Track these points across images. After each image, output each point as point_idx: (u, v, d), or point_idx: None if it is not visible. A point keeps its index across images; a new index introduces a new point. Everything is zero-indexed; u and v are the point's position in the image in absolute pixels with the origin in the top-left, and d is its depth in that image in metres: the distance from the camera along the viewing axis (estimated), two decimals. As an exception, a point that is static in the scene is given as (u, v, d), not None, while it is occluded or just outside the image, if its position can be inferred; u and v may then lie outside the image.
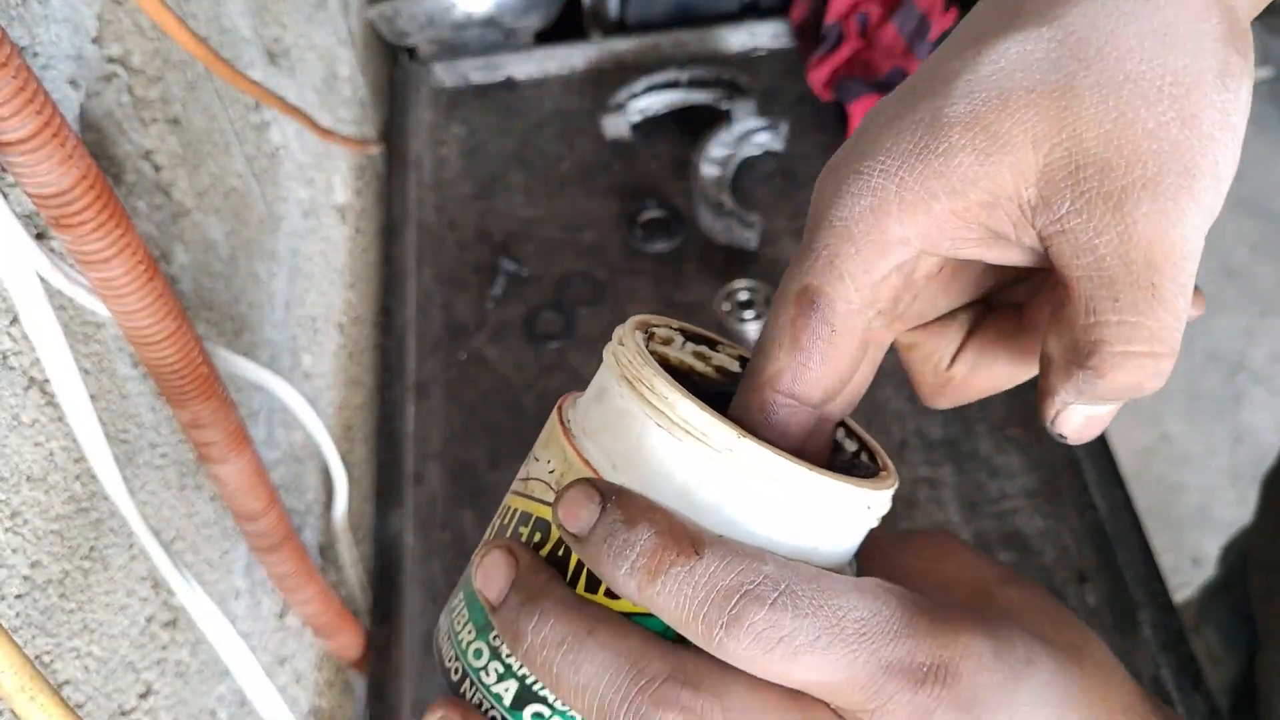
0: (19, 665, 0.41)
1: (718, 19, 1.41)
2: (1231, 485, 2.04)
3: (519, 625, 0.35)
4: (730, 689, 0.33)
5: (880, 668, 0.32)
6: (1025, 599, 0.39)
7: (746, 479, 0.34)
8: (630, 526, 0.33)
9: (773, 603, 0.32)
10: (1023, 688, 0.34)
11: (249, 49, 0.92)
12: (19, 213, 0.52)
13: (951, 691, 0.33)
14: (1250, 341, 2.26)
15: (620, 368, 0.37)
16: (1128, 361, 0.33)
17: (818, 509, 0.35)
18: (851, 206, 0.35)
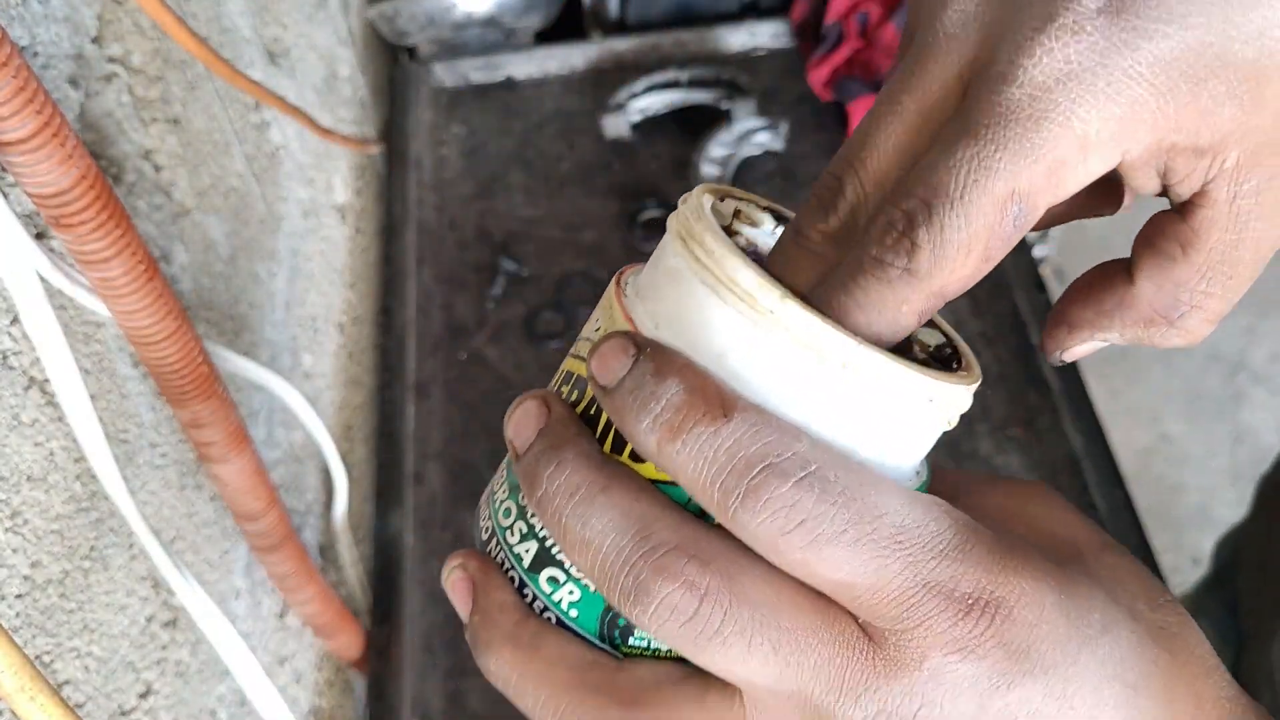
0: (19, 665, 0.41)
1: (718, 19, 1.41)
2: (1231, 485, 2.04)
3: (537, 472, 0.33)
4: (743, 574, 0.30)
5: (917, 583, 0.29)
6: (1122, 568, 0.35)
7: (788, 349, 0.31)
8: (659, 380, 0.31)
9: (798, 480, 0.29)
10: (1089, 653, 0.31)
11: (249, 49, 0.92)
12: (19, 212, 0.52)
13: (1001, 632, 0.29)
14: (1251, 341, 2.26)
15: (676, 223, 0.34)
16: (1203, 329, 0.33)
17: (866, 394, 0.31)
18: (1104, 110, 0.30)
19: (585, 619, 0.35)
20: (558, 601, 0.35)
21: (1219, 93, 0.30)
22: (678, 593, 0.30)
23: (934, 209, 0.30)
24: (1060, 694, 0.30)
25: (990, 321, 1.11)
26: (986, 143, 0.30)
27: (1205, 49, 0.29)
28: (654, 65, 1.34)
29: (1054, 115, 0.30)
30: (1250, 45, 0.30)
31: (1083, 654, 0.30)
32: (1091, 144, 0.30)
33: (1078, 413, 1.03)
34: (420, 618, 0.97)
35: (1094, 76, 0.29)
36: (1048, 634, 0.30)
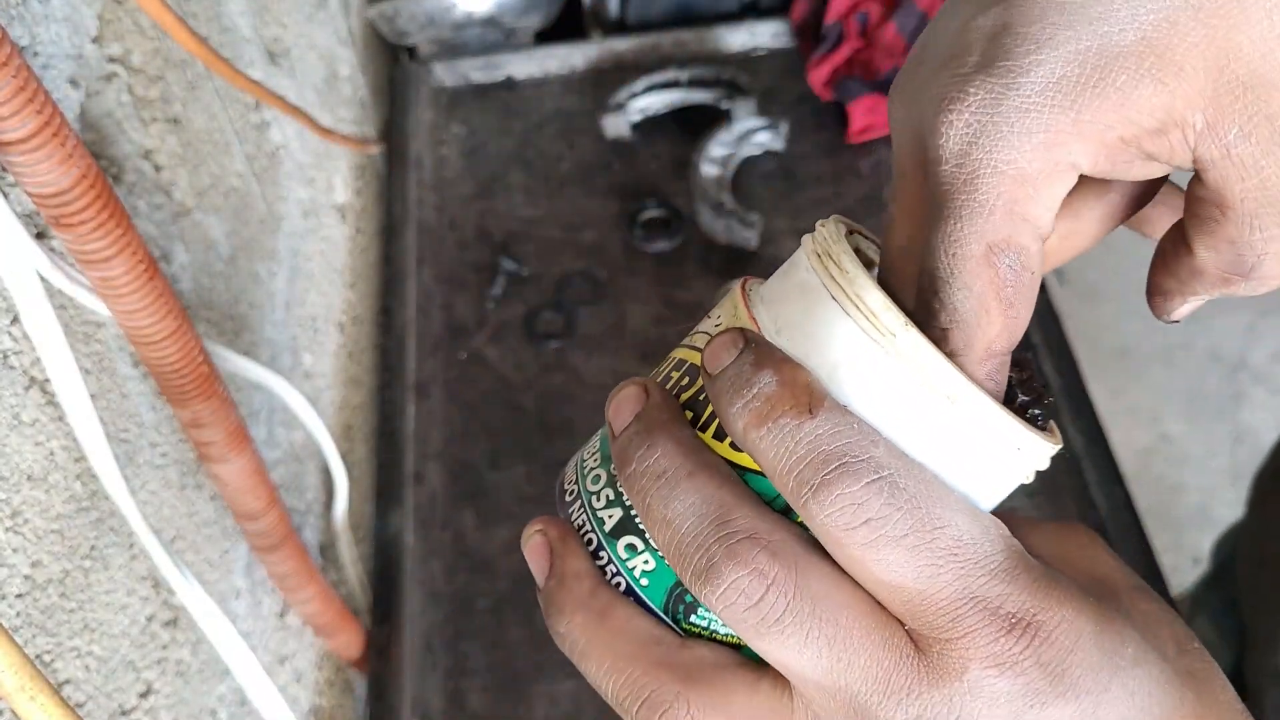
0: (19, 664, 0.41)
1: (718, 18, 1.41)
2: (1231, 485, 2.04)
3: (629, 451, 0.35)
4: (810, 570, 0.32)
5: (966, 595, 0.31)
6: (1154, 613, 0.36)
7: (901, 372, 0.33)
8: (757, 370, 0.33)
9: (869, 482, 0.31)
10: (1120, 684, 0.32)
11: (249, 48, 0.92)
12: (19, 212, 0.52)
13: (1040, 653, 0.31)
14: (1251, 340, 2.26)
15: (814, 243, 0.36)
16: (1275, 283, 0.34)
17: (963, 428, 0.33)
18: (1020, 146, 0.32)
19: (654, 590, 0.36)
20: (631, 569, 0.37)
21: (1125, 80, 0.32)
22: (746, 578, 0.32)
23: (939, 293, 0.33)
24: (1090, 718, 0.31)
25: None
26: (945, 220, 0.33)
27: (1086, 56, 0.31)
28: (654, 65, 1.34)
29: (982, 171, 0.32)
30: (1128, 32, 0.31)
31: (1114, 684, 0.32)
32: (1029, 176, 0.32)
33: (1078, 412, 1.03)
34: (420, 617, 0.97)
35: (995, 124, 0.32)
36: (1082, 660, 0.31)
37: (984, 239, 0.33)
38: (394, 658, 0.95)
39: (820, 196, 1.22)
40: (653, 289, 1.16)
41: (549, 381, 1.10)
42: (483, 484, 1.05)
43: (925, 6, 1.24)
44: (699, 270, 1.17)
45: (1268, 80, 0.31)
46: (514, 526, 1.01)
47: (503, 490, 1.04)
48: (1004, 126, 0.32)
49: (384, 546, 1.01)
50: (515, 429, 1.08)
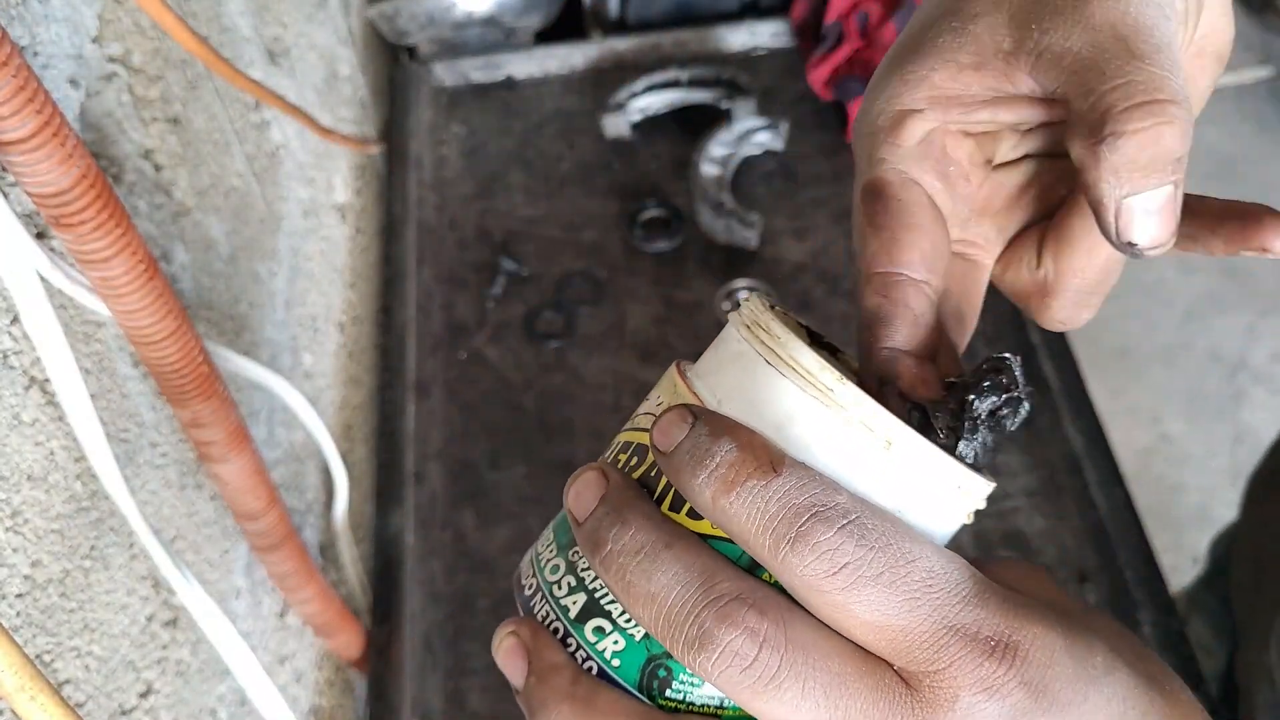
0: (19, 664, 0.41)
1: (718, 18, 1.41)
2: (1232, 485, 2.04)
3: (600, 534, 0.36)
4: (796, 622, 0.33)
5: (945, 626, 0.32)
6: (1109, 626, 0.37)
7: (842, 423, 0.35)
8: (714, 440, 0.34)
9: (841, 527, 0.32)
10: (1097, 691, 0.33)
11: (249, 48, 0.92)
12: (19, 212, 0.52)
13: (1023, 672, 0.32)
14: (1251, 341, 2.26)
15: (742, 316, 0.38)
16: (1137, 114, 0.34)
17: (906, 469, 0.35)
18: (870, 110, 0.40)
19: (627, 669, 0.37)
20: (602, 651, 0.37)
21: (934, 34, 0.39)
22: (740, 639, 0.32)
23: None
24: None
25: (990, 321, 1.11)
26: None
27: (911, 30, 0.41)
28: (654, 65, 1.34)
29: (857, 139, 0.42)
30: (939, 6, 0.40)
31: (1091, 693, 0.33)
32: (880, 128, 0.40)
33: (1078, 412, 1.03)
34: (420, 617, 0.97)
35: (865, 100, 0.42)
36: (1060, 674, 0.33)
37: (858, 185, 0.41)
38: (394, 657, 0.95)
39: (820, 196, 1.22)
40: (653, 289, 1.16)
41: (549, 381, 1.10)
42: (483, 484, 1.05)
43: (925, 6, 1.24)
44: (699, 270, 1.17)
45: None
46: (514, 526, 1.01)
47: (503, 490, 1.04)
48: (867, 100, 0.41)
49: (384, 546, 1.01)
50: (515, 429, 1.08)
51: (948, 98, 0.39)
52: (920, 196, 0.40)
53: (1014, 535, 0.97)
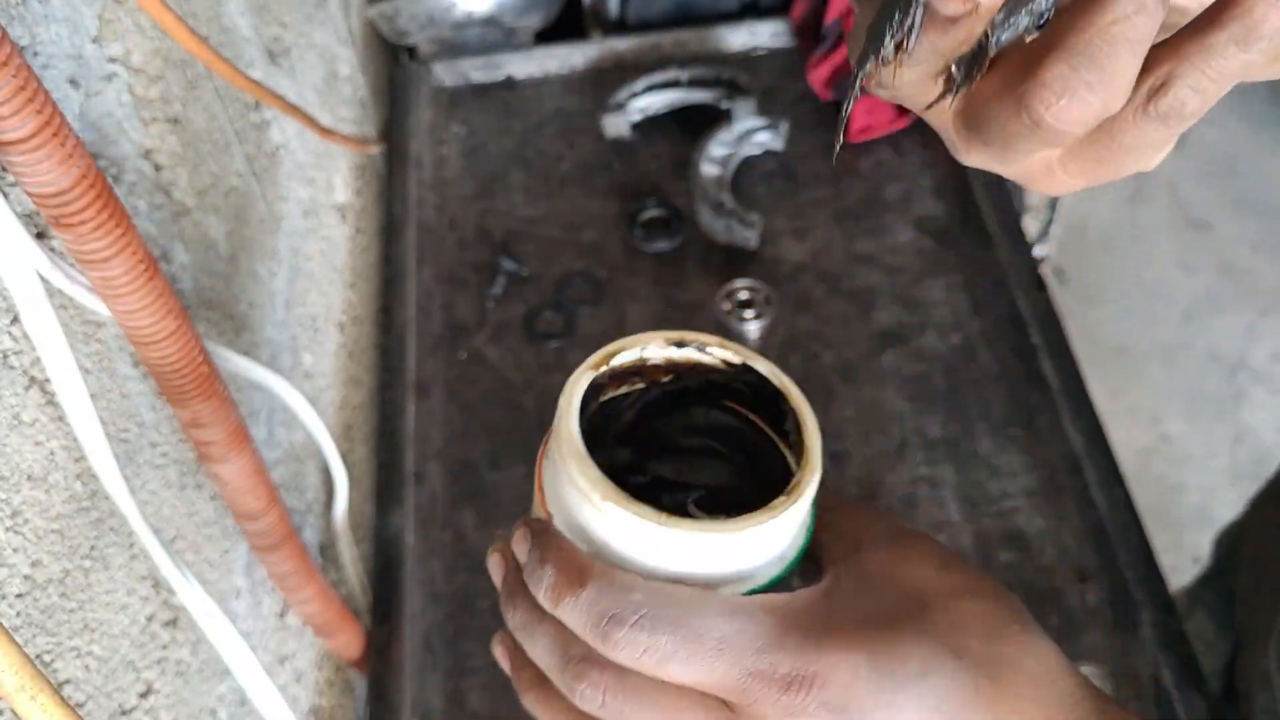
0: (19, 664, 0.41)
1: (718, 18, 1.41)
2: (1232, 485, 2.04)
3: (504, 606, 0.47)
4: (630, 675, 0.42)
5: (744, 673, 0.40)
6: (970, 612, 0.42)
7: (623, 526, 0.43)
8: (540, 565, 0.44)
9: (633, 624, 0.40)
10: (906, 694, 0.39)
11: (249, 48, 0.92)
12: (19, 212, 0.52)
13: (820, 695, 0.39)
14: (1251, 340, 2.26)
15: (555, 420, 0.46)
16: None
17: (683, 548, 0.42)
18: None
19: None
20: None
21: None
22: (588, 689, 0.42)
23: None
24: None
25: (990, 321, 1.11)
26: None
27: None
28: (654, 65, 1.34)
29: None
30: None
31: (899, 696, 0.39)
32: None
33: (1078, 412, 1.03)
34: (420, 617, 0.97)
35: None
36: (863, 689, 0.39)
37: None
38: (394, 657, 0.95)
39: (820, 196, 1.22)
40: (653, 289, 1.16)
41: (549, 381, 1.11)
42: (483, 484, 1.05)
43: (925, 6, 1.24)
44: (699, 270, 1.17)
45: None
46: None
47: (503, 490, 1.04)
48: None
49: (384, 546, 1.02)
50: (515, 429, 1.08)
51: None
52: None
53: (1014, 535, 0.97)
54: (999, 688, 0.40)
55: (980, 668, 0.40)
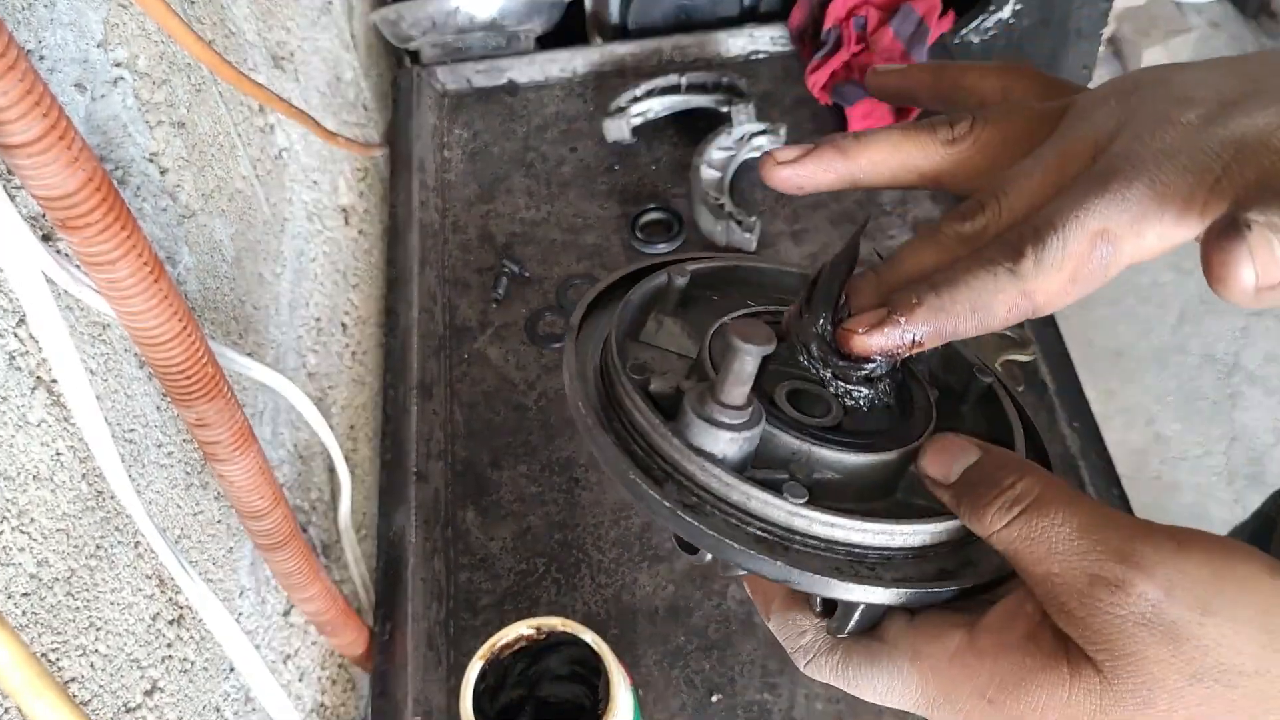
0: (25, 662, 0.42)
1: (718, 23, 1.42)
2: (1227, 485, 2.04)
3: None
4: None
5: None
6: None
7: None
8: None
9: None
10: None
11: (254, 53, 0.92)
12: (26, 214, 0.52)
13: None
14: (1245, 342, 2.26)
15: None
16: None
17: None
18: (1180, 176, 0.40)
19: None
20: None
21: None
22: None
23: (1041, 233, 0.40)
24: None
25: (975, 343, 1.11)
26: (1091, 191, 0.40)
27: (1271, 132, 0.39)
28: (654, 69, 1.35)
29: (1143, 177, 0.40)
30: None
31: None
32: (1168, 201, 0.39)
33: (1074, 412, 1.03)
34: (424, 615, 0.98)
35: (1176, 154, 0.39)
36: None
37: (1104, 222, 0.40)
38: (397, 655, 0.95)
39: (818, 199, 1.23)
40: (653, 291, 1.17)
41: (550, 382, 1.11)
42: (485, 483, 1.06)
43: (923, 11, 1.25)
44: (699, 272, 1.17)
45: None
46: (516, 525, 1.02)
47: (505, 489, 1.05)
48: (1183, 158, 0.40)
49: (387, 545, 1.02)
50: (517, 429, 1.09)
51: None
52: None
53: (1012, 535, 0.97)
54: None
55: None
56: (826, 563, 0.43)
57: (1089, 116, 0.43)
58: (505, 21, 1.39)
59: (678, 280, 0.52)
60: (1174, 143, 0.40)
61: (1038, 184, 0.43)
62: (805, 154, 0.47)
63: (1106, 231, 0.40)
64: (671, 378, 0.47)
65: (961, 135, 0.47)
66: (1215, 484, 2.06)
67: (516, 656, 0.80)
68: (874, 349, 0.43)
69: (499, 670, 0.79)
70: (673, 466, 0.43)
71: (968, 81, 0.50)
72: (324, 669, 0.95)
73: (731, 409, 0.43)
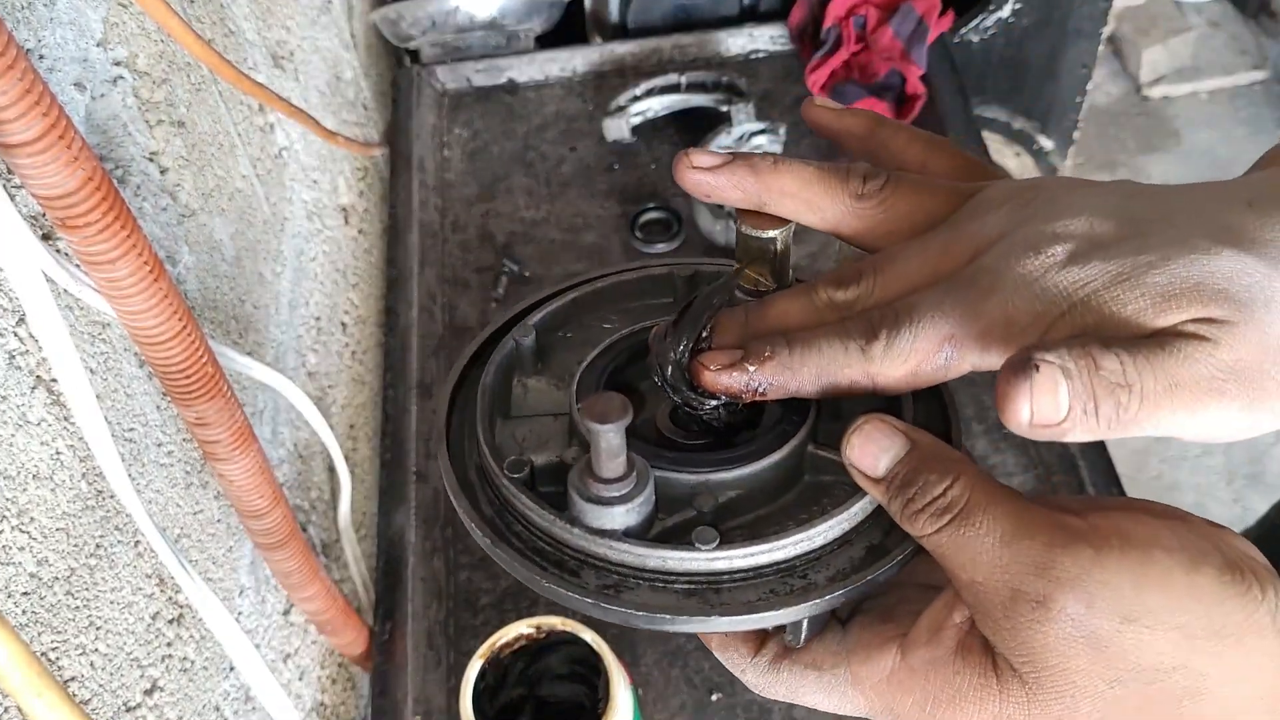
0: (25, 661, 0.42)
1: (717, 22, 1.42)
2: (1227, 485, 2.04)
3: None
4: None
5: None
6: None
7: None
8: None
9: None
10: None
11: (254, 52, 0.92)
12: (25, 214, 0.52)
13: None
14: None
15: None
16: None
17: None
18: (1030, 302, 0.41)
19: None
20: None
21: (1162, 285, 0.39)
22: None
23: (898, 321, 0.43)
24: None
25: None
26: (950, 296, 0.42)
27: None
28: (654, 69, 1.35)
29: (997, 296, 0.41)
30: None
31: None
32: (1012, 325, 0.41)
33: (1075, 412, 1.03)
34: (423, 614, 0.98)
35: (1032, 284, 0.41)
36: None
37: (953, 330, 0.42)
38: (397, 654, 0.95)
39: (820, 198, 1.23)
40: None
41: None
42: (484, 484, 1.06)
43: (923, 10, 1.25)
44: (699, 271, 1.17)
45: None
46: (515, 526, 1.02)
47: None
48: (1038, 286, 0.41)
49: (387, 544, 1.02)
50: (517, 429, 1.09)
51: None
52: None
53: (1012, 534, 0.97)
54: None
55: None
56: (758, 589, 0.43)
57: (981, 217, 0.44)
58: (505, 21, 1.39)
59: (525, 342, 0.52)
60: (1033, 272, 0.41)
61: (915, 270, 0.45)
62: (721, 164, 0.48)
63: (954, 338, 0.42)
64: (554, 446, 0.48)
65: (871, 193, 0.47)
66: (1215, 484, 2.06)
67: (516, 656, 0.79)
68: (719, 387, 0.45)
69: (499, 669, 0.79)
70: (584, 554, 0.44)
71: (895, 145, 0.51)
72: (324, 668, 0.95)
73: (615, 481, 0.43)
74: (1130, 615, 0.38)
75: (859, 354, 0.43)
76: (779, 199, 0.48)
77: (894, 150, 0.51)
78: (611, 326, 0.54)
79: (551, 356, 0.54)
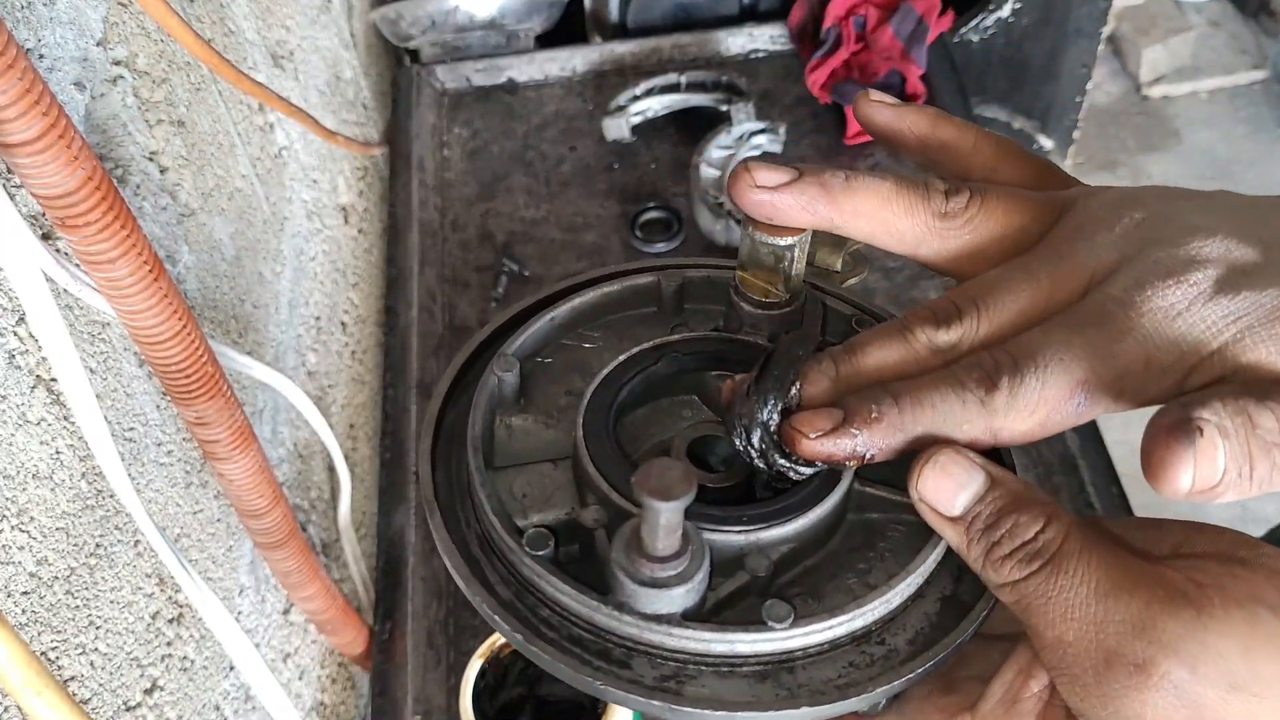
0: (25, 661, 0.42)
1: (717, 22, 1.42)
2: (1230, 484, 2.04)
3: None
4: None
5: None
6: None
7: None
8: None
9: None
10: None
11: (254, 51, 0.92)
12: (25, 213, 0.52)
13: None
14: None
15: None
16: None
17: None
18: (1173, 343, 0.37)
19: None
20: None
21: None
22: None
23: (1020, 366, 0.37)
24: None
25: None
26: (1080, 336, 0.37)
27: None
28: (654, 68, 1.35)
29: (1135, 335, 0.36)
30: None
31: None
32: (1155, 366, 0.36)
33: (1075, 412, 1.03)
34: (423, 614, 0.98)
35: (1176, 319, 0.36)
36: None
37: (1087, 375, 0.37)
38: (397, 654, 0.95)
39: (820, 198, 1.23)
40: (653, 290, 1.17)
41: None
42: (484, 483, 1.06)
43: (922, 10, 1.25)
44: (699, 271, 1.17)
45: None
46: (515, 525, 1.02)
47: (504, 489, 1.05)
48: (1181, 324, 0.37)
49: (387, 544, 1.02)
50: (517, 429, 1.09)
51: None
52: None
53: (1011, 534, 0.97)
54: None
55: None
56: (836, 663, 0.38)
57: (1089, 238, 0.40)
58: (505, 20, 1.39)
59: (508, 378, 0.46)
60: (1175, 305, 0.36)
61: (1024, 303, 0.40)
62: (789, 183, 0.42)
63: (1087, 383, 0.37)
64: (560, 500, 0.43)
65: (956, 211, 0.42)
66: (1215, 483, 2.05)
67: (516, 655, 0.79)
68: (822, 456, 0.39)
69: (499, 669, 0.79)
70: (633, 641, 0.38)
71: (962, 146, 0.45)
72: (324, 667, 0.95)
73: (671, 560, 0.37)
74: (1237, 683, 0.34)
75: (978, 407, 0.37)
76: (852, 220, 0.43)
77: (960, 153, 0.45)
78: (594, 346, 0.49)
79: (535, 389, 0.48)
